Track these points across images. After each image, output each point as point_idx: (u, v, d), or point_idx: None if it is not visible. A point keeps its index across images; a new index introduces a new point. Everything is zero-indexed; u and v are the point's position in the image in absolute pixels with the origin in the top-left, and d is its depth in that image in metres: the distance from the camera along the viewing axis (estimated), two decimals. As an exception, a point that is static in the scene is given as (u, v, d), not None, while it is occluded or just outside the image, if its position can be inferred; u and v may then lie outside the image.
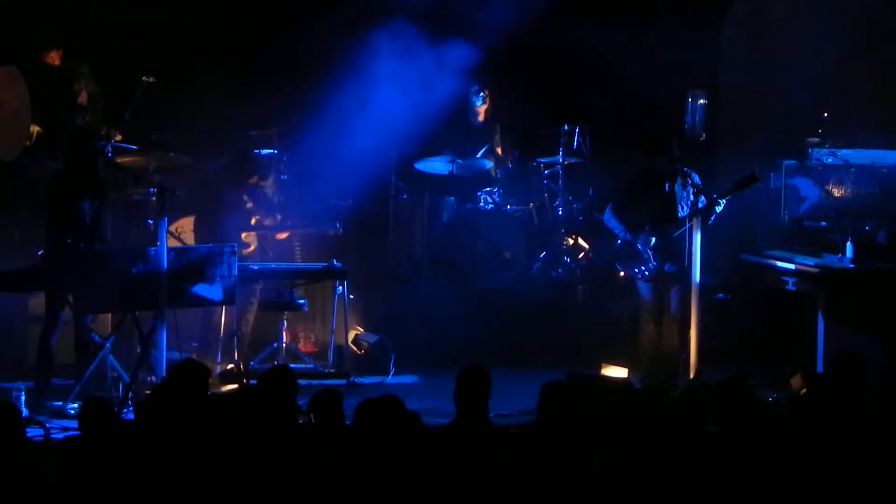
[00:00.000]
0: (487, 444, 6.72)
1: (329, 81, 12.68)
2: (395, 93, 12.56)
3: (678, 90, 13.17)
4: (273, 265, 11.66)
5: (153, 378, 9.75)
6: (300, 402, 7.35)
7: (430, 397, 9.33)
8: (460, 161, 12.70)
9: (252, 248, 11.61)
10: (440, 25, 12.74)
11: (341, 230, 11.84)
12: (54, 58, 12.20)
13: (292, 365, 10.61)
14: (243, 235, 11.53)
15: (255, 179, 11.58)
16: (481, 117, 12.95)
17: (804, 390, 10.00)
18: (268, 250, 11.67)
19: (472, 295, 12.36)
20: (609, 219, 10.90)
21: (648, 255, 10.65)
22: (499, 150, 13.11)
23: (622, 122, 12.92)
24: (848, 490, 6.52)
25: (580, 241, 12.86)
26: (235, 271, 10.25)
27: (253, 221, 11.63)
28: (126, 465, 6.55)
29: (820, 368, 10.42)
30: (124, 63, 12.44)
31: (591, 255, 12.76)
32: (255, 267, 11.31)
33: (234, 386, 10.52)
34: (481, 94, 12.88)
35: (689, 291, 10.46)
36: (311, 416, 7.01)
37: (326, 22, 12.78)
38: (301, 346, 11.85)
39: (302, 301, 11.55)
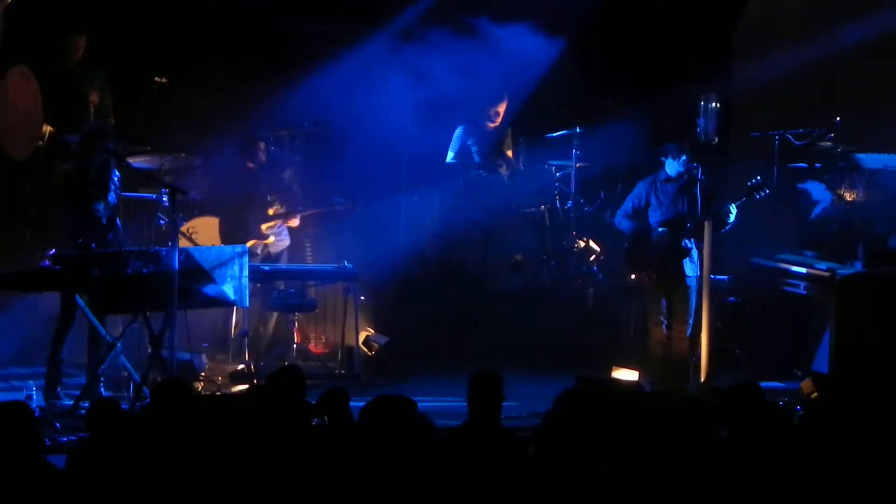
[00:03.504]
0: (498, 448, 6.72)
1: (341, 81, 12.69)
2: (407, 93, 12.57)
3: (691, 94, 13.15)
4: (284, 266, 11.70)
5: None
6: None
7: (439, 399, 9.33)
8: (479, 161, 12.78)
9: (272, 239, 11.71)
10: (453, 25, 12.75)
11: (354, 205, 11.90)
12: (80, 46, 12.18)
13: (302, 366, 10.62)
14: (263, 227, 11.64)
15: (262, 158, 11.72)
16: (497, 121, 12.95)
17: (815, 394, 9.99)
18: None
19: (483, 297, 12.36)
20: (619, 221, 10.90)
21: (657, 258, 10.64)
22: (509, 153, 13.10)
23: (635, 125, 12.90)
24: (858, 494, 6.51)
25: (591, 243, 12.84)
26: (246, 272, 10.27)
27: (271, 212, 11.74)
28: (134, 464, 6.56)
29: (831, 373, 10.40)
30: (136, 64, 12.47)
31: (602, 257, 12.75)
32: (266, 268, 11.34)
33: (245, 386, 10.53)
34: (502, 99, 12.87)
35: (699, 295, 10.46)
36: (325, 417, 7.00)
37: (340, 21, 12.81)
38: (311, 346, 11.87)
39: (312, 302, 11.58)
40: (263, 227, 11.73)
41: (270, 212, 11.85)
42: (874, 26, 12.69)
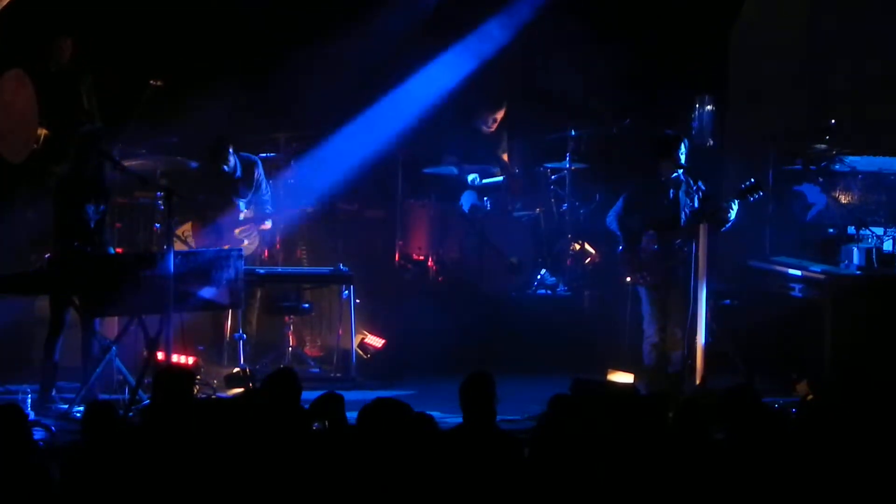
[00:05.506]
0: (494, 450, 6.71)
1: (336, 85, 12.69)
2: (402, 97, 12.57)
3: (686, 95, 13.15)
4: (279, 269, 11.68)
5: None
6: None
7: (435, 402, 9.32)
8: (468, 166, 12.77)
9: (246, 243, 11.60)
10: (447, 29, 12.76)
11: (311, 209, 11.84)
12: (65, 49, 12.15)
13: (298, 369, 10.60)
14: (236, 232, 11.54)
15: (224, 163, 11.56)
16: (494, 127, 12.95)
17: (810, 397, 9.99)
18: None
19: (478, 300, 12.36)
20: (611, 223, 10.88)
21: (650, 261, 10.63)
22: (505, 156, 13.10)
23: (629, 127, 12.91)
24: (854, 496, 6.51)
25: (587, 246, 12.85)
26: (242, 275, 10.27)
27: (242, 216, 11.65)
28: (129, 468, 6.55)
29: (826, 375, 10.41)
30: (132, 67, 12.46)
31: (597, 260, 12.75)
32: (262, 271, 11.33)
33: (240, 389, 10.52)
34: (501, 106, 12.88)
35: (693, 298, 10.45)
36: (326, 421, 7.00)
37: (333, 25, 12.81)
38: (307, 350, 11.86)
39: (307, 305, 11.56)
40: (236, 231, 11.62)
41: (241, 216, 11.71)
42: (867, 27, 12.73)
